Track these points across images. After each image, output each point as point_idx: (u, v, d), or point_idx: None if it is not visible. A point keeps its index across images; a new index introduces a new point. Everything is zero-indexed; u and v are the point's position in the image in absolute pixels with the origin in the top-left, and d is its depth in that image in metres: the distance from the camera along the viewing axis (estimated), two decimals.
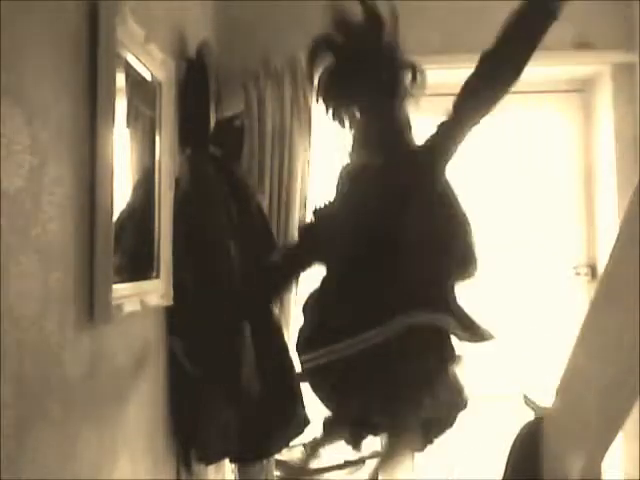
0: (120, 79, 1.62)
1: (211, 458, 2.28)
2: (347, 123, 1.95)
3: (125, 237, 1.70)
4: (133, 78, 1.78)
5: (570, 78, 3.19)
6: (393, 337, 1.72)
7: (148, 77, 1.90)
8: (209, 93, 2.32)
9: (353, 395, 1.81)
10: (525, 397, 2.33)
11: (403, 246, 1.79)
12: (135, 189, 1.83)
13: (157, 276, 1.95)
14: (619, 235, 1.71)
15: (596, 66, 3.01)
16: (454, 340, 1.85)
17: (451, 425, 1.92)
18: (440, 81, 3.00)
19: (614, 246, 1.72)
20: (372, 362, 1.74)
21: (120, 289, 1.61)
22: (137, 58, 1.77)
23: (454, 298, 1.84)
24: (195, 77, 2.29)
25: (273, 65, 2.73)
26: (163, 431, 2.07)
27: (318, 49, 1.92)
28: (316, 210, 1.99)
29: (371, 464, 2.46)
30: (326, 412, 1.98)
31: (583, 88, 3.23)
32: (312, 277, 2.02)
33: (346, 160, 1.98)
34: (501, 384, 3.17)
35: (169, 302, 2.02)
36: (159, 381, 2.03)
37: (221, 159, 2.40)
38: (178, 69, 2.17)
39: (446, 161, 1.83)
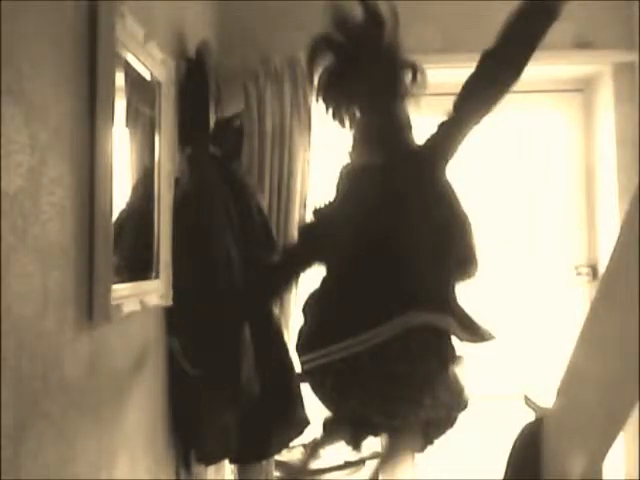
0: (119, 79, 1.62)
1: (211, 458, 2.28)
2: (347, 123, 1.95)
3: (125, 237, 1.70)
4: (132, 78, 1.78)
5: (570, 77, 3.19)
6: (393, 337, 1.72)
7: (148, 77, 1.90)
8: (209, 93, 2.31)
9: (353, 396, 1.81)
10: (526, 397, 2.33)
11: (403, 246, 1.79)
12: (135, 189, 1.83)
13: (157, 276, 1.95)
14: (620, 235, 1.71)
15: (596, 66, 3.01)
16: (455, 340, 1.84)
17: (451, 426, 1.91)
18: (440, 81, 3.00)
19: (615, 246, 1.72)
20: (372, 362, 1.74)
21: (120, 289, 1.61)
22: (137, 58, 1.77)
23: (454, 298, 1.83)
24: (195, 77, 2.29)
25: (273, 65, 2.73)
26: (163, 431, 2.06)
27: (318, 49, 1.92)
28: (316, 210, 1.99)
29: (371, 465, 2.46)
30: (326, 412, 1.98)
31: (583, 88, 3.22)
32: (312, 277, 2.02)
33: (346, 159, 1.98)
34: (501, 384, 3.17)
35: (169, 302, 2.01)
36: (159, 381, 2.03)
37: (221, 159, 2.39)
38: (178, 69, 2.17)
39: (446, 161, 1.83)
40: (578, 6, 2.81)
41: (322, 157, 2.83)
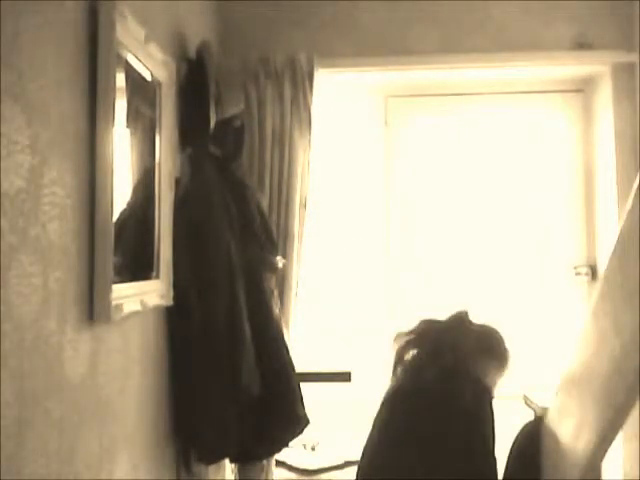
0: (120, 79, 1.62)
1: (211, 458, 2.28)
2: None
3: (125, 237, 1.70)
4: (133, 78, 1.78)
5: (570, 78, 3.19)
6: None
7: (148, 77, 1.90)
8: (209, 93, 2.31)
9: None
10: (525, 397, 2.33)
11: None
12: (135, 189, 1.83)
13: (157, 276, 1.95)
14: (619, 235, 1.72)
15: (596, 66, 3.01)
16: None
17: None
18: (440, 81, 3.01)
19: (614, 246, 1.72)
20: None
21: (120, 289, 1.61)
22: (137, 58, 1.77)
23: None
24: (195, 77, 2.29)
25: (273, 65, 2.73)
26: (163, 431, 2.07)
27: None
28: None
29: None
30: (324, 412, 1.98)
31: (583, 88, 3.23)
32: (312, 278, 2.02)
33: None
34: (501, 384, 3.16)
35: (169, 302, 2.02)
36: (159, 381, 2.03)
37: (221, 159, 2.39)
38: (178, 69, 2.17)
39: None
40: (578, 6, 2.83)
41: (322, 157, 2.83)
